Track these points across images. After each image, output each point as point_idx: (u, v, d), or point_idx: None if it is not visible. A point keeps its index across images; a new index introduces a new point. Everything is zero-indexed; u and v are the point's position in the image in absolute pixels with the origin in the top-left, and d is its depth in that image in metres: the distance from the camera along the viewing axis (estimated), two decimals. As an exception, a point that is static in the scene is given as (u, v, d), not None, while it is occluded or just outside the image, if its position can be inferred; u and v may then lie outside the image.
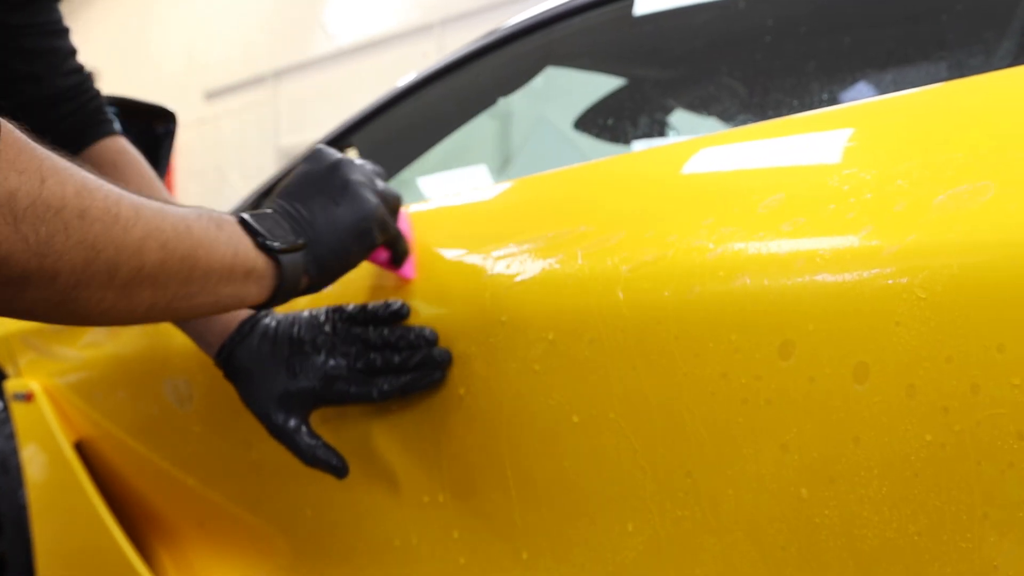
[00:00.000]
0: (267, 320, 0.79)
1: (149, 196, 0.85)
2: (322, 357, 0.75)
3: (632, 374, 0.62)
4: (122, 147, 0.91)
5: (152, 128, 1.13)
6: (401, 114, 1.30)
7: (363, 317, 0.75)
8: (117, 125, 0.91)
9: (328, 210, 0.68)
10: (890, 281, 0.51)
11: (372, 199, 0.69)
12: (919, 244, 0.51)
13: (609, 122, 1.50)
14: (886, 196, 0.54)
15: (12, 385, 1.38)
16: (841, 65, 0.90)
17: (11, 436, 1.42)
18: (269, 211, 0.67)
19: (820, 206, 0.56)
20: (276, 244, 0.64)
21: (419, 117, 1.35)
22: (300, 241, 0.66)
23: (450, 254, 0.76)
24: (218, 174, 7.63)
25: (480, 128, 1.55)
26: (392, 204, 0.73)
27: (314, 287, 0.69)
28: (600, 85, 1.57)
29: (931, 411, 0.50)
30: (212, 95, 7.92)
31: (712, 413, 0.58)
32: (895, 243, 0.52)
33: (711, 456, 0.59)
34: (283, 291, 0.66)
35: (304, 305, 0.78)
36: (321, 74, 6.91)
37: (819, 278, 0.54)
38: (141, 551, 1.19)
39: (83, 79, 0.91)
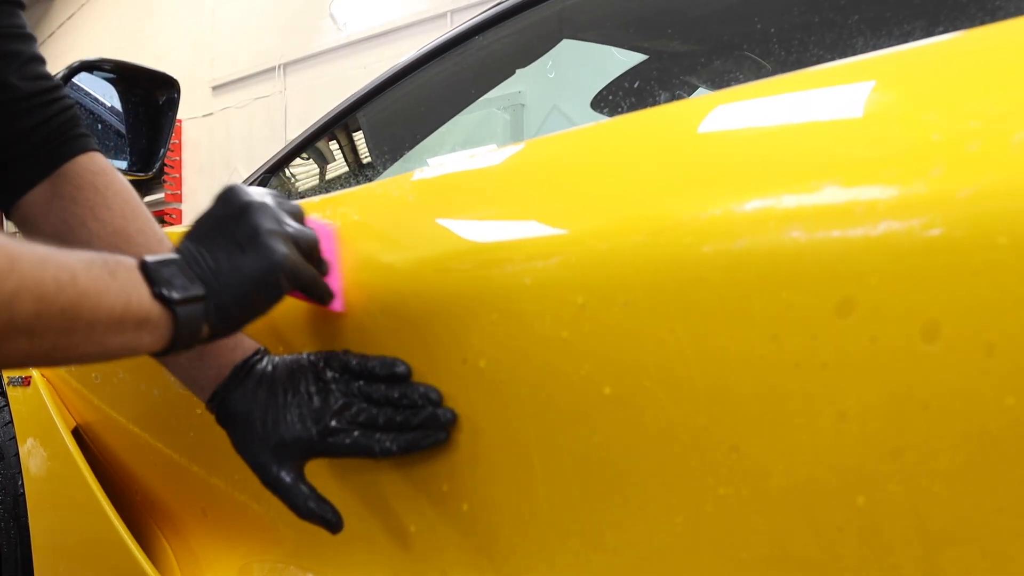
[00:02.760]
0: (263, 365, 0.75)
1: (133, 222, 0.82)
2: (321, 408, 0.72)
3: (671, 339, 0.56)
4: (102, 167, 0.84)
5: (154, 96, 1.08)
6: (412, 87, 1.24)
7: (363, 372, 0.72)
8: (95, 141, 0.85)
9: (233, 258, 0.64)
10: (965, 227, 0.46)
11: (279, 249, 0.65)
12: (997, 185, 0.46)
13: (630, 100, 1.45)
14: (957, 136, 0.48)
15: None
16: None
17: (9, 423, 1.37)
18: (174, 256, 0.64)
19: (882, 148, 0.51)
20: (174, 295, 0.61)
21: (431, 90, 1.29)
22: (199, 292, 0.62)
23: (467, 215, 0.71)
24: (226, 168, 7.59)
25: (492, 120, 1.50)
26: (306, 248, 0.69)
27: (218, 335, 0.66)
28: (618, 64, 1.52)
29: (1012, 372, 0.45)
30: (219, 88, 7.88)
31: (761, 380, 0.53)
32: (969, 185, 0.46)
33: (759, 427, 0.54)
34: (180, 341, 0.63)
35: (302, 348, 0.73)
36: (329, 66, 6.86)
37: (883, 227, 0.48)
38: (142, 541, 1.14)
39: (51, 87, 0.84)
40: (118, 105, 1.04)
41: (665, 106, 0.66)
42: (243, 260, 0.64)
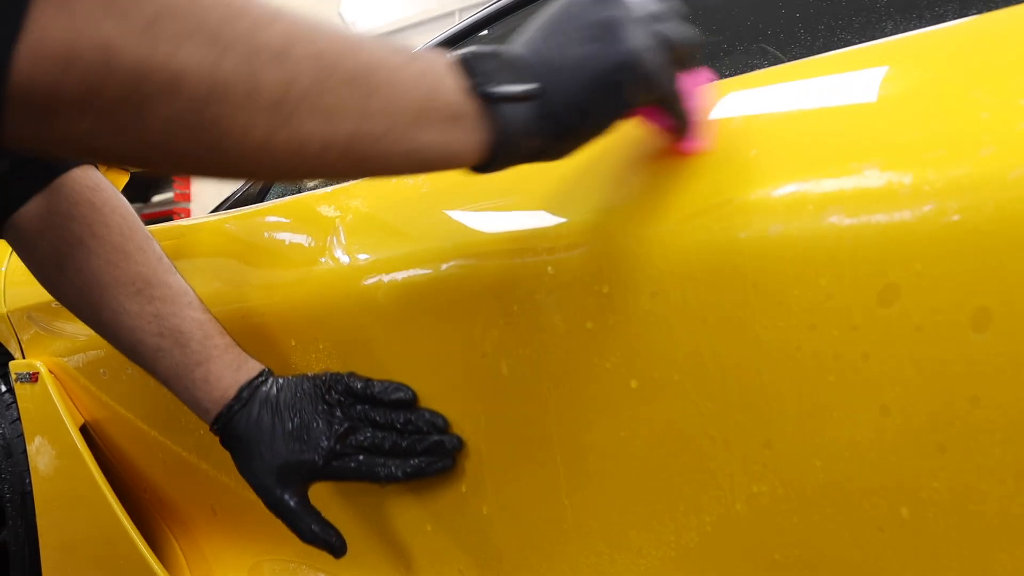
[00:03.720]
0: (268, 387, 0.74)
1: (131, 239, 0.78)
2: (325, 431, 0.70)
3: (701, 329, 0.54)
4: (97, 182, 0.81)
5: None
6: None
7: (367, 396, 0.71)
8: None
9: (571, 50, 0.51)
10: (1017, 209, 0.43)
11: (634, 41, 0.51)
12: (1053, 166, 0.43)
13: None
14: (1007, 114, 0.46)
15: (17, 365, 1.31)
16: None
17: (16, 420, 1.35)
18: (500, 48, 0.52)
19: (928, 128, 0.48)
20: (493, 89, 0.50)
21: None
22: (526, 89, 0.50)
23: (483, 204, 0.68)
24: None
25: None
26: (680, 55, 0.54)
27: (549, 152, 0.54)
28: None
29: (1069, 363, 0.42)
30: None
31: (797, 372, 0.50)
32: (1021, 166, 0.44)
33: (795, 422, 0.51)
34: (504, 149, 0.51)
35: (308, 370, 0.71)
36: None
37: (929, 209, 0.46)
38: (151, 540, 1.12)
39: None
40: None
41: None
42: (583, 52, 0.51)
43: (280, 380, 0.74)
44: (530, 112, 0.51)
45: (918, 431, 0.47)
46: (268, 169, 0.46)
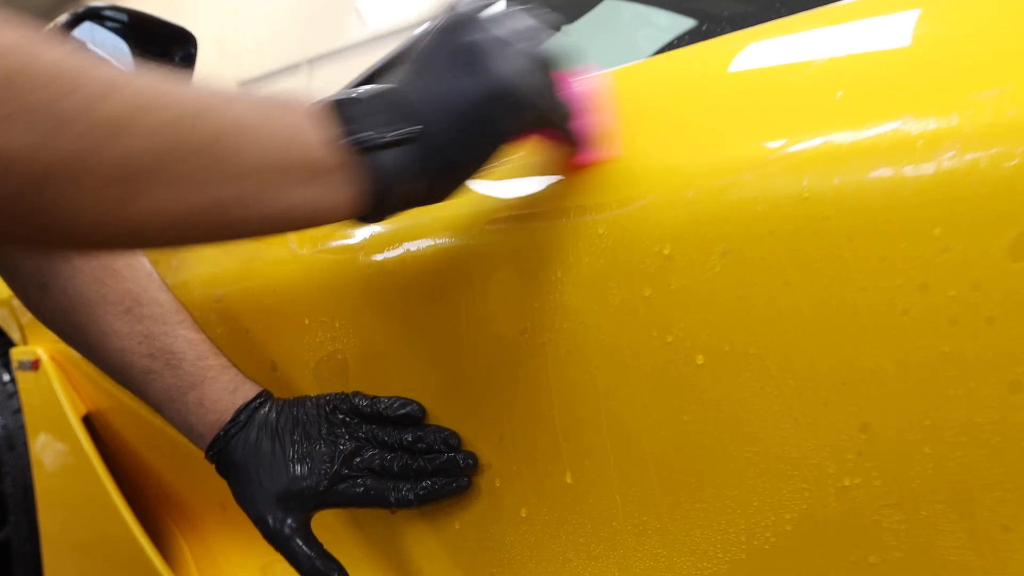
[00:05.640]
0: (267, 410, 0.68)
1: (119, 258, 0.72)
2: (329, 454, 0.65)
3: (785, 293, 0.46)
4: None
5: (169, 52, 0.98)
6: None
7: (374, 415, 0.65)
8: None
9: (444, 83, 0.48)
10: None
11: (499, 69, 0.48)
12: None
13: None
14: None
15: (18, 352, 1.25)
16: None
17: (18, 411, 1.29)
18: (370, 88, 0.49)
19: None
20: (364, 135, 0.47)
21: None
22: (401, 133, 0.47)
23: (516, 152, 0.61)
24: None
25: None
26: (557, 68, 0.52)
27: (439, 192, 0.50)
28: (661, 29, 1.42)
29: None
30: (245, 85, 7.82)
31: (903, 341, 0.42)
32: None
33: (899, 402, 0.43)
34: (386, 198, 0.48)
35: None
36: (355, 61, 6.78)
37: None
38: (156, 537, 1.05)
39: None
40: (126, 62, 0.95)
41: (776, 22, 0.55)
42: (458, 83, 0.48)
43: (280, 402, 0.69)
44: (410, 155, 0.48)
45: (1057, 411, 0.39)
46: (125, 243, 0.44)
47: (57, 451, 1.18)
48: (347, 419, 0.66)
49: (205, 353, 0.71)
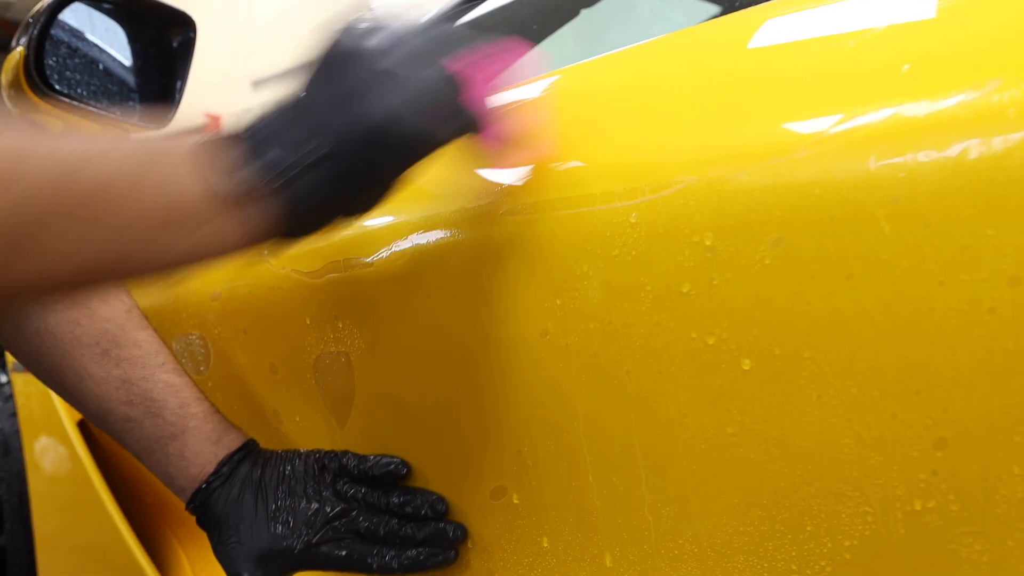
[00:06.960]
0: (252, 463, 0.66)
1: (94, 294, 0.68)
2: (314, 514, 0.63)
3: (846, 289, 0.40)
4: None
5: (167, 37, 0.93)
6: (469, 26, 1.09)
7: (363, 477, 0.63)
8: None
9: (347, 104, 0.46)
10: None
11: (391, 99, 0.45)
12: None
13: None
14: None
15: (13, 354, 1.20)
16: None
17: (14, 415, 1.25)
18: (258, 120, 0.48)
19: None
20: (264, 162, 0.45)
21: (490, 29, 1.14)
22: (307, 152, 0.45)
23: (551, 135, 0.55)
24: (263, 164, 7.52)
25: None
26: (445, 87, 0.48)
27: (358, 205, 0.49)
28: (687, 13, 1.37)
29: None
30: (259, 84, 7.80)
31: (988, 343, 0.37)
32: None
33: (983, 416, 0.37)
34: (301, 219, 0.47)
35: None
36: (368, 58, 6.75)
37: None
38: (153, 543, 1.00)
39: None
40: (121, 46, 0.90)
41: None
42: (359, 107, 0.46)
43: (266, 454, 0.66)
44: (322, 175, 0.45)
45: None
46: (24, 298, 0.45)
47: (53, 456, 1.14)
48: (335, 478, 0.63)
49: (187, 400, 0.68)
